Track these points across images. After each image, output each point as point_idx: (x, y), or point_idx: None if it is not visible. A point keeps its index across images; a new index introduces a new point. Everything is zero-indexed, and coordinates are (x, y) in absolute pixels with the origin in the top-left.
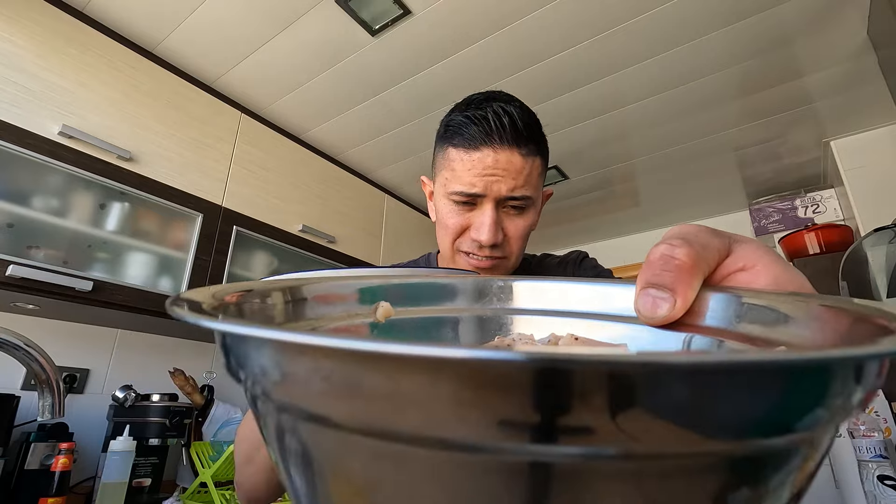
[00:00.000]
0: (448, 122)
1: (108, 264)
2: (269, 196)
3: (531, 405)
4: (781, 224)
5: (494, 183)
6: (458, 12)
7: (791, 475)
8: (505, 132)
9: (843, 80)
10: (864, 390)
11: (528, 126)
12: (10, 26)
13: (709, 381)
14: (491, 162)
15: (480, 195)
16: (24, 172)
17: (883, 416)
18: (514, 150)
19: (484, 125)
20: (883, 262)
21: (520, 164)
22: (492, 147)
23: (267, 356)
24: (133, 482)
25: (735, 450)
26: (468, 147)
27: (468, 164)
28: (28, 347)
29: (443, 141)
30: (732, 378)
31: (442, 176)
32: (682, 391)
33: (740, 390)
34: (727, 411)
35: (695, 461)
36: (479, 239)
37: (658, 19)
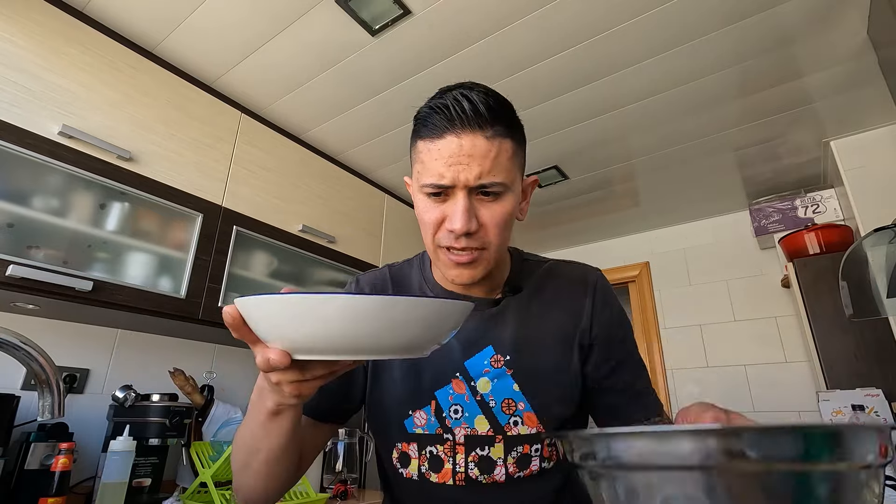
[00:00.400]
0: (416, 116)
1: (108, 264)
2: (269, 196)
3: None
4: (781, 224)
5: (462, 171)
6: (458, 12)
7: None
8: (465, 116)
9: (843, 80)
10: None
11: (490, 109)
12: (10, 26)
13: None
14: (455, 148)
15: (450, 186)
16: (24, 172)
17: (883, 416)
18: (476, 133)
19: (445, 112)
20: (883, 262)
21: (484, 147)
22: (454, 133)
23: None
24: (133, 482)
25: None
26: (432, 136)
27: (434, 153)
28: (28, 347)
29: (413, 136)
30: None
31: (414, 171)
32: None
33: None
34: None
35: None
36: (452, 228)
37: (658, 19)
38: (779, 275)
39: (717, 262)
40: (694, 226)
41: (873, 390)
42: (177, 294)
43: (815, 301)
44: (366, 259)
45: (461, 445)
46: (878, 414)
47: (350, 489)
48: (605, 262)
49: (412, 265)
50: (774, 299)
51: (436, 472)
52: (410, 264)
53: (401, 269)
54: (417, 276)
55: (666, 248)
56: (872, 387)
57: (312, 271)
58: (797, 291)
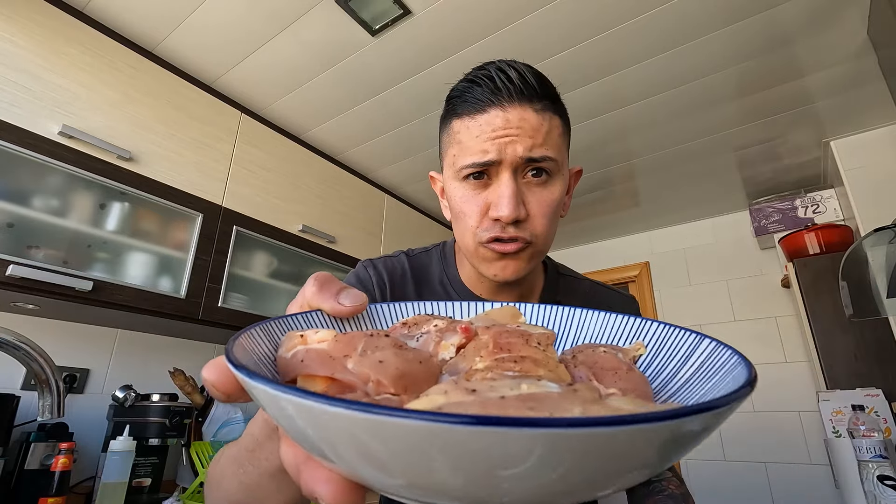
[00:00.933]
0: (449, 95)
1: (108, 264)
2: (269, 196)
3: None
4: (781, 224)
5: (509, 144)
6: (458, 12)
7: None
8: (512, 86)
9: (843, 80)
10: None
11: (539, 80)
12: (10, 26)
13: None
14: (501, 122)
15: (494, 162)
16: (24, 172)
17: (883, 416)
18: (525, 106)
19: (488, 83)
20: (883, 262)
21: (535, 121)
22: (500, 106)
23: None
24: (133, 482)
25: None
26: (473, 112)
27: (475, 130)
28: (28, 347)
29: (446, 119)
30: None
31: (449, 156)
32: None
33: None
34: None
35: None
36: (498, 216)
37: (658, 19)
38: (779, 275)
39: (717, 262)
40: (694, 226)
41: (873, 390)
42: (177, 294)
43: (815, 301)
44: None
45: None
46: (878, 414)
47: None
48: (605, 262)
49: (431, 257)
50: (774, 299)
51: None
52: (429, 256)
53: (419, 259)
54: (438, 271)
55: (666, 248)
56: (872, 387)
57: (312, 271)
58: (797, 291)
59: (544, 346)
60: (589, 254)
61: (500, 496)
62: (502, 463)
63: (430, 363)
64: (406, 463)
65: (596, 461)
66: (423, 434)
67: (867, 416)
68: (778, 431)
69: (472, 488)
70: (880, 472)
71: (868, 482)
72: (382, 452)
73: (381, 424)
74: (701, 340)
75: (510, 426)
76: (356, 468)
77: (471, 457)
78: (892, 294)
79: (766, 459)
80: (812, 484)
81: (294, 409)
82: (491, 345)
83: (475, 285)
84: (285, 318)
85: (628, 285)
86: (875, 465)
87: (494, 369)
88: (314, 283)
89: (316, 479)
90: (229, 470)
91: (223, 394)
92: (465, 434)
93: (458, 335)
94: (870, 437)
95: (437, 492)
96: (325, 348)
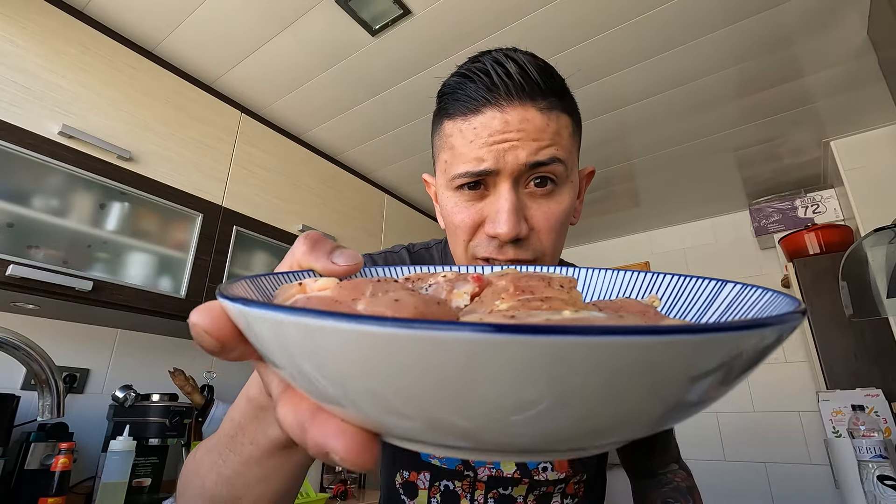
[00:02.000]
0: (440, 91)
1: (108, 264)
2: (269, 196)
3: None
4: (781, 224)
5: (509, 151)
6: (458, 12)
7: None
8: (511, 83)
9: (843, 81)
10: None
11: (543, 72)
12: (10, 26)
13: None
14: (499, 125)
15: (492, 171)
16: (24, 172)
17: (883, 416)
18: (527, 105)
19: (483, 79)
20: (883, 262)
21: (539, 122)
22: (497, 106)
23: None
24: (133, 482)
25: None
26: (466, 112)
27: (469, 134)
28: (28, 347)
29: (437, 118)
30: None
31: (441, 161)
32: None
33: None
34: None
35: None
36: (495, 233)
37: (658, 19)
38: (779, 275)
39: (717, 262)
40: (694, 226)
41: (873, 390)
42: (177, 294)
43: (815, 301)
44: None
45: (482, 483)
46: (878, 414)
47: (350, 489)
48: (605, 262)
49: (432, 255)
50: None
51: None
52: (430, 253)
53: (420, 255)
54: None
55: (666, 248)
56: (872, 387)
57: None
58: (797, 291)
59: (568, 288)
60: (589, 254)
61: (528, 427)
62: (568, 378)
63: (447, 306)
64: (441, 391)
65: (664, 372)
66: (472, 348)
67: (867, 416)
68: (778, 431)
69: (503, 419)
70: (880, 473)
71: (868, 482)
72: (413, 381)
73: (423, 340)
74: (723, 286)
75: (578, 334)
76: (377, 408)
77: (540, 372)
78: (892, 294)
79: (766, 459)
80: (812, 484)
81: (307, 333)
82: (511, 288)
83: None
84: (276, 275)
85: None
86: (875, 465)
87: (520, 309)
88: (304, 242)
89: (326, 432)
90: (206, 462)
91: (216, 340)
92: (524, 345)
93: (471, 283)
94: (870, 437)
95: (460, 429)
96: (328, 294)
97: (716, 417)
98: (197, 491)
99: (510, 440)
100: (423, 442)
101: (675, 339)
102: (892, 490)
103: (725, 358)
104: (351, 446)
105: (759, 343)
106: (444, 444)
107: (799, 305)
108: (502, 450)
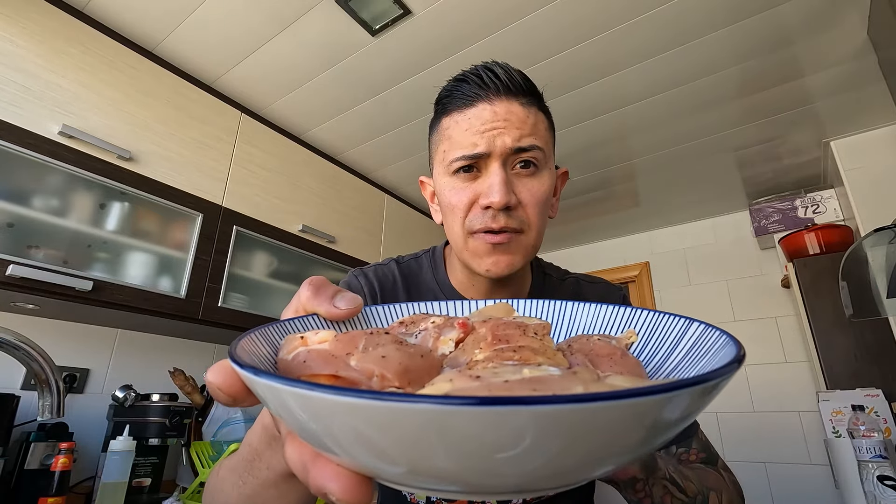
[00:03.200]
0: (438, 97)
1: (108, 264)
2: (269, 196)
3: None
4: (781, 224)
5: (497, 136)
6: (458, 12)
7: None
8: (499, 82)
9: (843, 81)
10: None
11: (523, 77)
12: (10, 26)
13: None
14: (489, 115)
15: (483, 154)
16: (24, 172)
17: (883, 416)
18: (511, 100)
19: (475, 80)
20: (883, 262)
21: (521, 113)
22: (487, 101)
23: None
24: (133, 482)
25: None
26: (462, 106)
27: (464, 124)
28: (28, 347)
29: (435, 119)
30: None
31: (440, 152)
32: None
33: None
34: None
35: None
36: (489, 202)
37: (658, 19)
38: (779, 275)
39: (717, 262)
40: (694, 226)
41: (873, 390)
42: (177, 294)
43: (815, 301)
44: (366, 259)
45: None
46: (878, 414)
47: None
48: (605, 262)
49: (421, 264)
50: (774, 299)
51: (449, 500)
52: (419, 263)
53: (409, 266)
54: (429, 277)
55: (666, 248)
56: (872, 387)
57: (312, 271)
58: (797, 291)
59: (541, 335)
60: (589, 254)
61: (505, 477)
62: (511, 443)
63: (431, 357)
64: (416, 449)
65: (599, 436)
66: (433, 417)
67: (867, 416)
68: (778, 431)
69: (480, 471)
70: (880, 473)
71: (868, 482)
72: (393, 441)
73: (392, 411)
74: (690, 324)
75: (518, 405)
76: (364, 459)
77: (480, 439)
78: (892, 294)
79: (766, 459)
80: (812, 484)
81: (302, 401)
82: (489, 337)
83: (466, 289)
84: (282, 323)
85: (628, 285)
86: (875, 466)
87: (494, 359)
88: (308, 288)
89: (324, 475)
90: (228, 481)
91: (228, 396)
92: (475, 415)
93: (456, 330)
94: (870, 438)
95: (445, 478)
96: (326, 348)
97: (716, 417)
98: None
99: (493, 482)
100: (412, 486)
101: (596, 406)
102: (892, 490)
103: (653, 416)
104: (346, 488)
105: (689, 399)
106: (432, 488)
107: (737, 353)
108: (488, 491)
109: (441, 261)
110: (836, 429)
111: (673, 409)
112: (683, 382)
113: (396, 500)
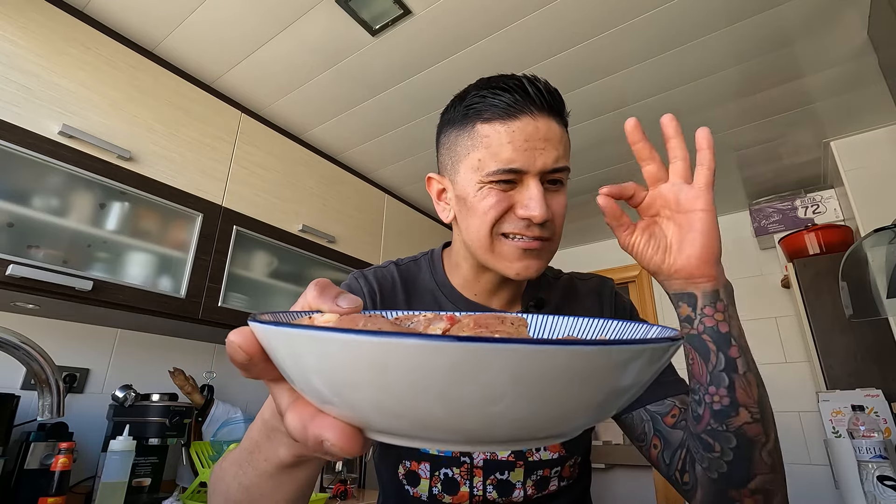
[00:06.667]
0: (469, 103)
1: (108, 264)
2: (269, 196)
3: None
4: (781, 224)
5: (539, 156)
6: (458, 12)
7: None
8: (543, 98)
9: (842, 81)
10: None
11: (561, 97)
12: (10, 26)
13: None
14: (532, 130)
15: (522, 171)
16: (24, 172)
17: (883, 416)
18: (551, 118)
19: (520, 91)
20: (883, 262)
21: (559, 133)
22: (531, 115)
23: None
24: (133, 482)
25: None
26: (504, 117)
27: (506, 135)
28: (28, 347)
29: (464, 121)
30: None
31: (472, 159)
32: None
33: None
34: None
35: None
36: (530, 215)
37: (658, 19)
38: (779, 275)
39: None
40: None
41: (873, 390)
42: (177, 294)
43: (815, 301)
44: (366, 259)
45: (479, 469)
46: (878, 414)
47: (350, 489)
48: (605, 263)
49: (420, 266)
50: (774, 299)
51: (450, 494)
52: (418, 265)
53: (408, 268)
54: (428, 280)
55: None
56: (872, 387)
57: (312, 271)
58: (797, 291)
59: (517, 325)
60: (589, 254)
61: (493, 418)
62: (492, 380)
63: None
64: (410, 391)
65: (561, 376)
66: (423, 351)
67: (867, 416)
68: (778, 431)
69: (470, 417)
70: (880, 473)
71: (868, 482)
72: (390, 380)
73: (388, 345)
74: (650, 329)
75: (496, 342)
76: (362, 405)
77: (465, 378)
78: (892, 294)
79: None
80: (812, 484)
81: (312, 344)
82: (472, 324)
83: (471, 287)
84: (291, 312)
85: (628, 285)
86: (875, 466)
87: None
88: (315, 288)
89: (322, 426)
90: (230, 472)
91: (246, 353)
92: (459, 349)
93: (444, 321)
94: (870, 438)
95: (437, 426)
96: (330, 324)
97: None
98: (223, 494)
99: (484, 429)
100: (406, 436)
101: (556, 348)
102: (892, 490)
103: (613, 362)
104: (341, 435)
105: (634, 354)
106: (424, 437)
107: (670, 337)
108: (481, 440)
109: (440, 262)
110: (836, 429)
111: (609, 362)
112: (620, 341)
113: (399, 497)
